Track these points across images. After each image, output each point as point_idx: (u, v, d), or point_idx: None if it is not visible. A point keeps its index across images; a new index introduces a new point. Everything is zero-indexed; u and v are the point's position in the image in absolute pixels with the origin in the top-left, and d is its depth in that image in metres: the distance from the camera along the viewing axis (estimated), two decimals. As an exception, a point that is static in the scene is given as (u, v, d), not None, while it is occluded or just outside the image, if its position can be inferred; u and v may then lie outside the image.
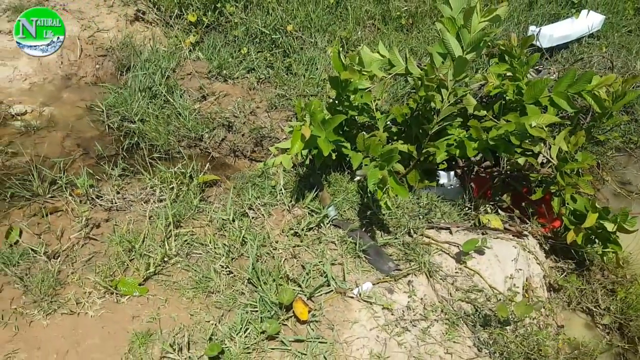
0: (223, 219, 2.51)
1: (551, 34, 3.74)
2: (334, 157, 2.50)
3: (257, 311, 2.16)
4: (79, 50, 3.41)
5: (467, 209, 2.74)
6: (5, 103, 3.08)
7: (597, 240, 2.51)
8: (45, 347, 2.04)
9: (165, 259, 2.37)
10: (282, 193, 2.62)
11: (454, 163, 2.88)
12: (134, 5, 3.74)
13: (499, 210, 2.82)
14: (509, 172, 2.81)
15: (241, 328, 2.08)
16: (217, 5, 3.62)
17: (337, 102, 2.52)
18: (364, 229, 2.50)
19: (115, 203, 2.62)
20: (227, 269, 2.32)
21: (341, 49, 3.51)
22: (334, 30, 3.68)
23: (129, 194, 2.68)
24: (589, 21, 3.95)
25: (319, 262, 2.32)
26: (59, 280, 2.25)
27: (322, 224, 2.50)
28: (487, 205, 2.76)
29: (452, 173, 2.85)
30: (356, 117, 2.57)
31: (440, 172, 2.84)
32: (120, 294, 2.22)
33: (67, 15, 3.59)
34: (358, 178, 2.68)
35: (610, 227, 2.35)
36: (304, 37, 3.59)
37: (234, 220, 2.50)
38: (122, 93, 3.17)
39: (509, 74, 2.59)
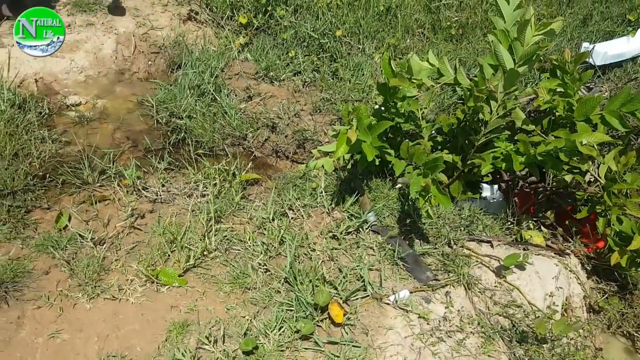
0: (263, 218, 2.54)
1: (605, 51, 3.64)
2: (377, 163, 2.51)
3: (292, 310, 2.18)
4: (133, 46, 3.53)
5: (509, 223, 2.69)
6: (61, 94, 3.20)
7: (642, 264, 2.43)
8: (87, 329, 2.11)
9: (205, 253, 2.42)
10: (323, 196, 2.64)
11: (498, 177, 2.84)
12: (187, 5, 3.84)
13: (542, 227, 2.76)
14: (554, 189, 2.75)
15: (276, 326, 2.10)
16: (267, 9, 3.67)
17: (383, 108, 2.52)
18: (403, 237, 2.49)
19: (160, 195, 2.69)
20: (265, 267, 2.35)
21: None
22: (383, 37, 3.68)
23: (174, 187, 2.75)
24: (645, 40, 3.84)
25: (357, 266, 2.33)
26: (104, 266, 2.32)
27: (361, 229, 2.50)
28: (529, 221, 2.71)
29: (495, 186, 2.81)
30: (402, 124, 2.57)
31: (483, 184, 2.80)
32: (161, 284, 2.28)
33: (124, 12, 3.72)
34: (399, 185, 2.68)
35: (657, 251, 2.27)
36: (352, 43, 3.61)
37: (273, 220, 2.53)
38: (172, 90, 3.25)
39: (560, 89, 2.54)
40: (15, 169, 2.61)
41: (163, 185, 2.74)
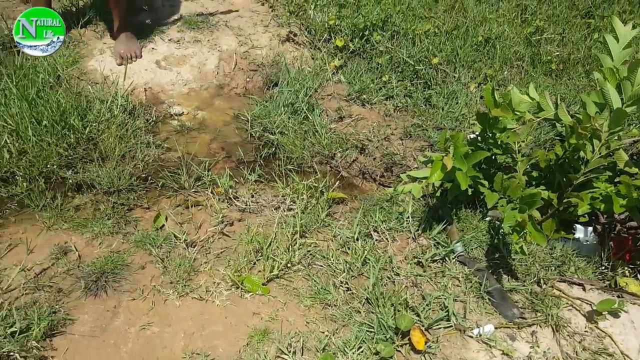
0: (347, 237, 2.57)
1: None
2: (469, 193, 2.48)
3: (372, 331, 2.17)
4: (234, 63, 3.72)
5: (603, 268, 2.56)
6: (166, 103, 3.42)
7: None
8: (175, 325, 2.22)
9: (289, 265, 2.47)
10: (409, 221, 2.64)
11: (593, 218, 2.72)
12: (287, 27, 4.01)
13: (639, 275, 2.60)
14: (655, 237, 2.59)
15: (355, 345, 2.11)
16: (364, 33, 3.76)
17: (480, 138, 2.50)
18: (490, 271, 2.43)
19: (249, 206, 2.79)
20: (346, 286, 2.38)
21: (484, 87, 3.48)
22: (480, 67, 3.66)
23: (262, 199, 2.84)
24: None
25: (441, 295, 2.30)
26: (194, 267, 2.44)
27: (447, 258, 2.47)
28: (625, 268, 2.57)
29: (590, 228, 2.69)
30: (497, 156, 2.53)
31: (577, 225, 2.69)
32: (245, 290, 2.36)
33: (228, 31, 3.94)
34: (489, 218, 2.63)
35: None
36: (448, 71, 3.62)
37: (357, 239, 2.56)
38: (267, 106, 3.39)
39: (668, 133, 2.42)
40: (122, 170, 2.81)
41: (252, 196, 2.84)
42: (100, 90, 3.22)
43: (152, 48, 3.69)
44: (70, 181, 2.74)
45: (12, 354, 1.96)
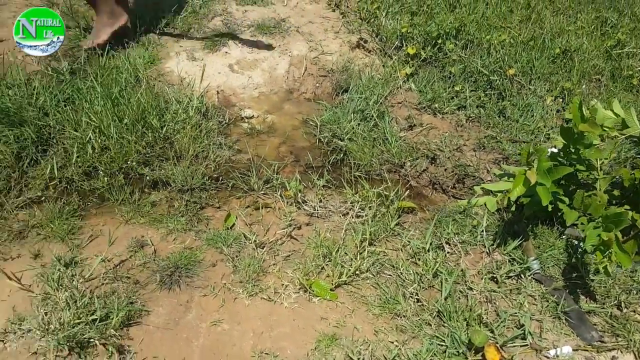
0: (418, 247, 2.54)
1: None
2: (550, 209, 2.40)
3: (443, 345, 2.13)
4: (303, 68, 3.76)
5: (690, 296, 2.42)
6: (237, 106, 3.50)
7: None
8: (244, 324, 2.24)
9: (357, 272, 2.46)
10: (483, 235, 2.58)
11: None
12: (358, 33, 4.02)
13: None
14: None
15: (426, 357, 2.07)
16: (437, 42, 3.72)
17: (562, 153, 2.42)
18: (567, 291, 2.34)
19: (317, 210, 2.80)
20: (416, 297, 2.34)
21: (561, 100, 3.37)
22: (556, 80, 3.55)
23: (330, 204, 2.85)
24: None
25: (517, 312, 2.23)
26: (262, 268, 2.46)
27: (523, 275, 2.40)
28: None
29: (672, 253, 2.54)
30: (581, 172, 2.44)
31: (660, 249, 2.55)
32: (313, 294, 2.36)
33: (299, 37, 4.00)
34: (566, 236, 2.53)
35: None
36: (523, 83, 3.52)
37: (428, 251, 2.52)
38: (336, 112, 3.40)
39: None
40: (195, 169, 2.88)
41: (320, 201, 2.85)
42: (177, 91, 3.32)
43: (226, 52, 3.79)
44: (147, 178, 2.83)
45: (92, 340, 2.05)
